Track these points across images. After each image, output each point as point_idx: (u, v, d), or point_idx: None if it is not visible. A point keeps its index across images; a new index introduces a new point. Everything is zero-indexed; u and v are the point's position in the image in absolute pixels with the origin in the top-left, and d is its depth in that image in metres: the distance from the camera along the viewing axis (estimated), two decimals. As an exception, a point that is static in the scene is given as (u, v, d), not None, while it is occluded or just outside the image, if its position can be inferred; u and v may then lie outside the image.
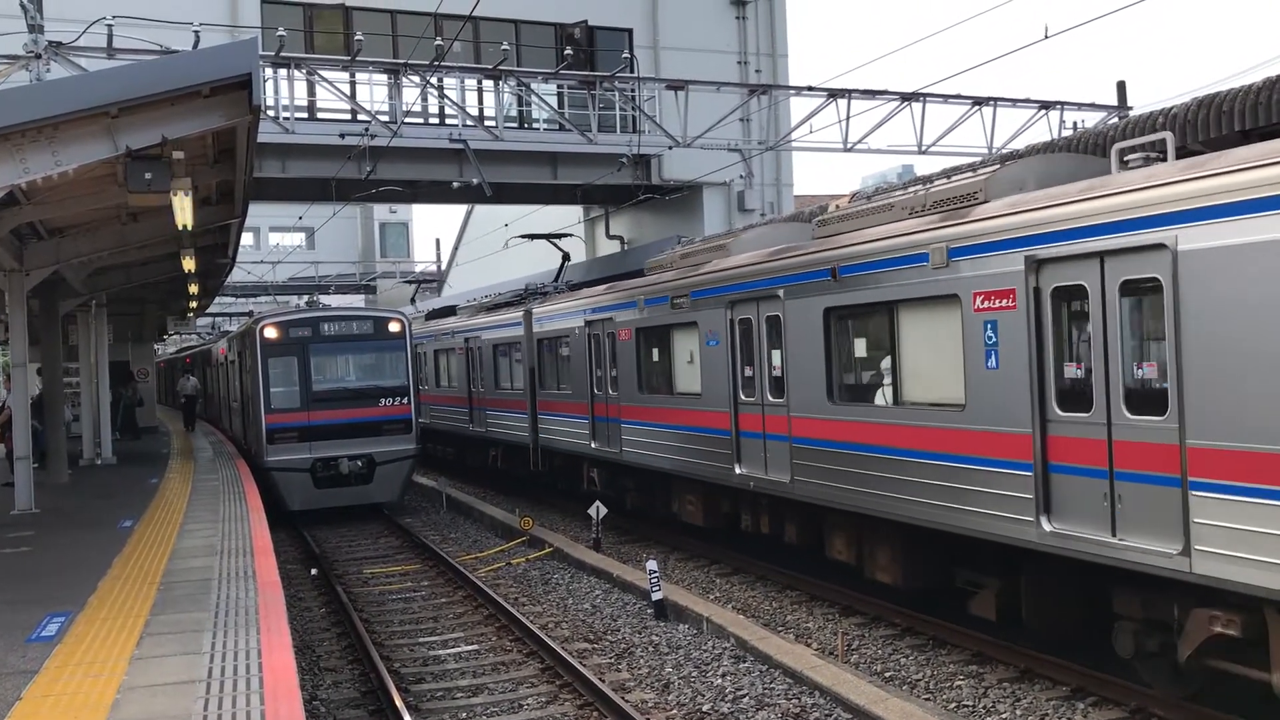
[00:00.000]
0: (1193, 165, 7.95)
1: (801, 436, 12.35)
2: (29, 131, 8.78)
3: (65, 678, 6.70)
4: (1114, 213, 8.27)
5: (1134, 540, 8.14)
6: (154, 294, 27.53)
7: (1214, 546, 7.53)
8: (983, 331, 9.60)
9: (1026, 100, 27.46)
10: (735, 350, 13.77)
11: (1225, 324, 7.45)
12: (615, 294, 17.52)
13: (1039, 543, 9.03)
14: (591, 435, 18.36)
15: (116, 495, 16.07)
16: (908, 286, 10.51)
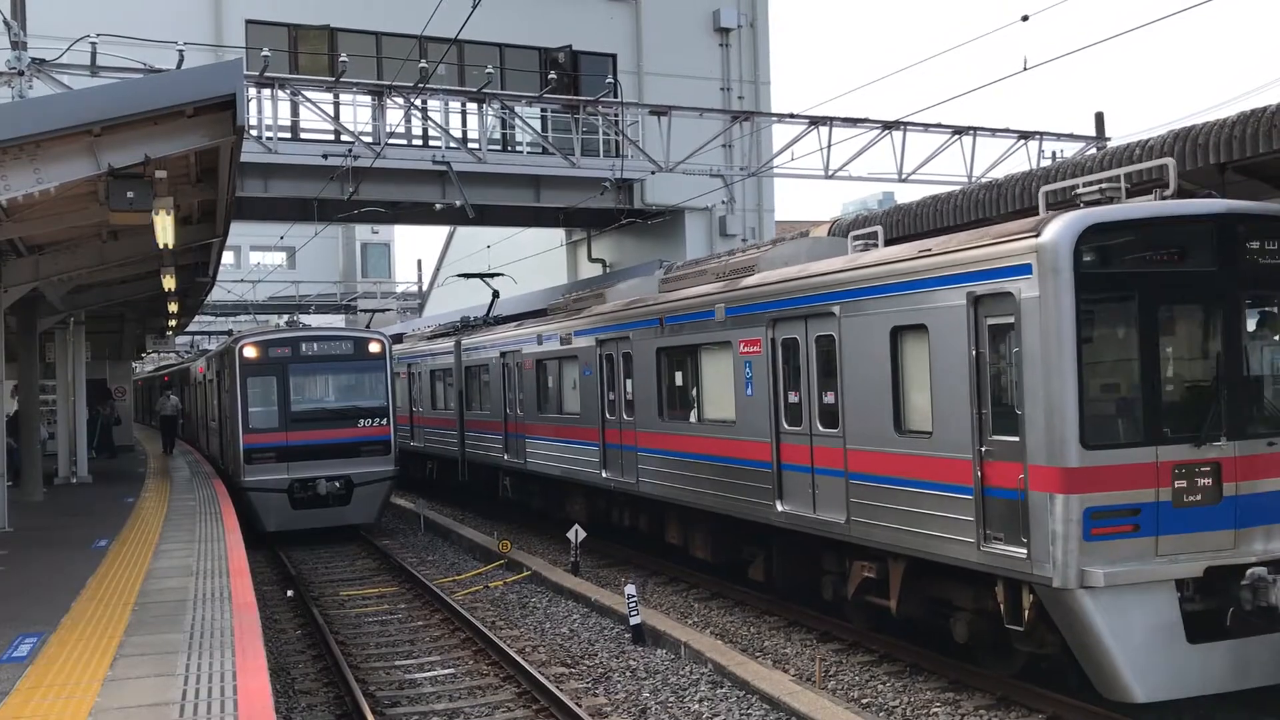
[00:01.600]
0: (854, 259, 11.45)
1: (644, 446, 15.62)
2: (10, 149, 8.76)
3: (37, 699, 6.64)
4: (810, 289, 11.76)
5: (825, 515, 11.54)
6: (133, 312, 27.40)
7: (860, 517, 10.94)
8: (745, 369, 13.04)
9: (1006, 130, 27.73)
10: (603, 378, 16.95)
11: (858, 367, 10.96)
12: (522, 330, 20.86)
13: (777, 520, 12.44)
14: (504, 449, 21.47)
15: (92, 514, 15.96)
16: (703, 334, 14.01)
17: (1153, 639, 8.61)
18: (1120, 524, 8.69)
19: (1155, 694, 8.56)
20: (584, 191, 27.23)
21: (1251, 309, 9.44)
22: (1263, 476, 9.01)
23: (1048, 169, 13.48)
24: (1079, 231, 8.73)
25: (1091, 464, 8.62)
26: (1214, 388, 9.15)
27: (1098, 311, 8.96)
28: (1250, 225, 9.31)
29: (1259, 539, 8.93)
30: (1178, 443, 8.86)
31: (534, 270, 36.96)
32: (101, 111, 8.90)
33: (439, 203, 26.98)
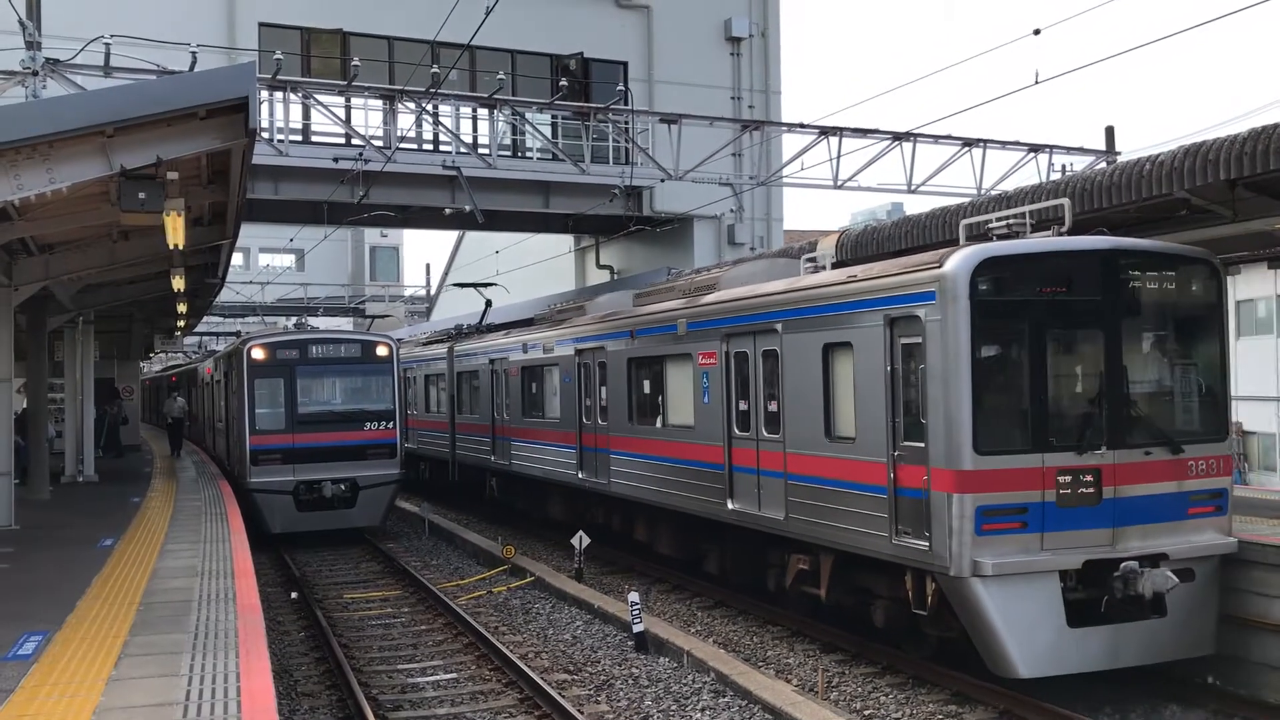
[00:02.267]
0: (794, 282, 12.75)
1: (616, 449, 16.77)
2: (24, 149, 8.81)
3: (41, 698, 6.66)
4: (758, 308, 13.02)
5: (768, 512, 12.73)
6: (142, 312, 27.49)
7: (797, 514, 12.14)
8: (703, 379, 14.25)
9: (1016, 143, 27.71)
10: (580, 386, 18.04)
11: (797, 379, 12.18)
12: (510, 339, 21.85)
13: (728, 518, 13.63)
14: (492, 451, 22.55)
15: (98, 513, 15.98)
16: (668, 347, 15.22)
17: (1036, 623, 9.75)
18: (1009, 521, 9.87)
19: (1036, 671, 9.73)
20: (593, 198, 27.26)
21: (1131, 334, 10.70)
22: (1138, 482, 10.24)
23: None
24: (975, 264, 9.95)
25: (983, 468, 9.81)
26: (1096, 403, 10.39)
27: (991, 334, 10.14)
28: (1131, 260, 10.61)
29: (1135, 537, 10.14)
30: (1062, 450, 10.06)
31: (542, 276, 36.99)
32: (114, 112, 8.94)
33: (448, 207, 27.02)
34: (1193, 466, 10.51)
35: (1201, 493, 10.53)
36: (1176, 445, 10.48)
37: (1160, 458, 10.40)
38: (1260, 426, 32.61)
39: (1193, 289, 10.89)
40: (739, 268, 15.54)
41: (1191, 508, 10.48)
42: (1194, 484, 10.50)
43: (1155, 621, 10.03)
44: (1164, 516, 10.34)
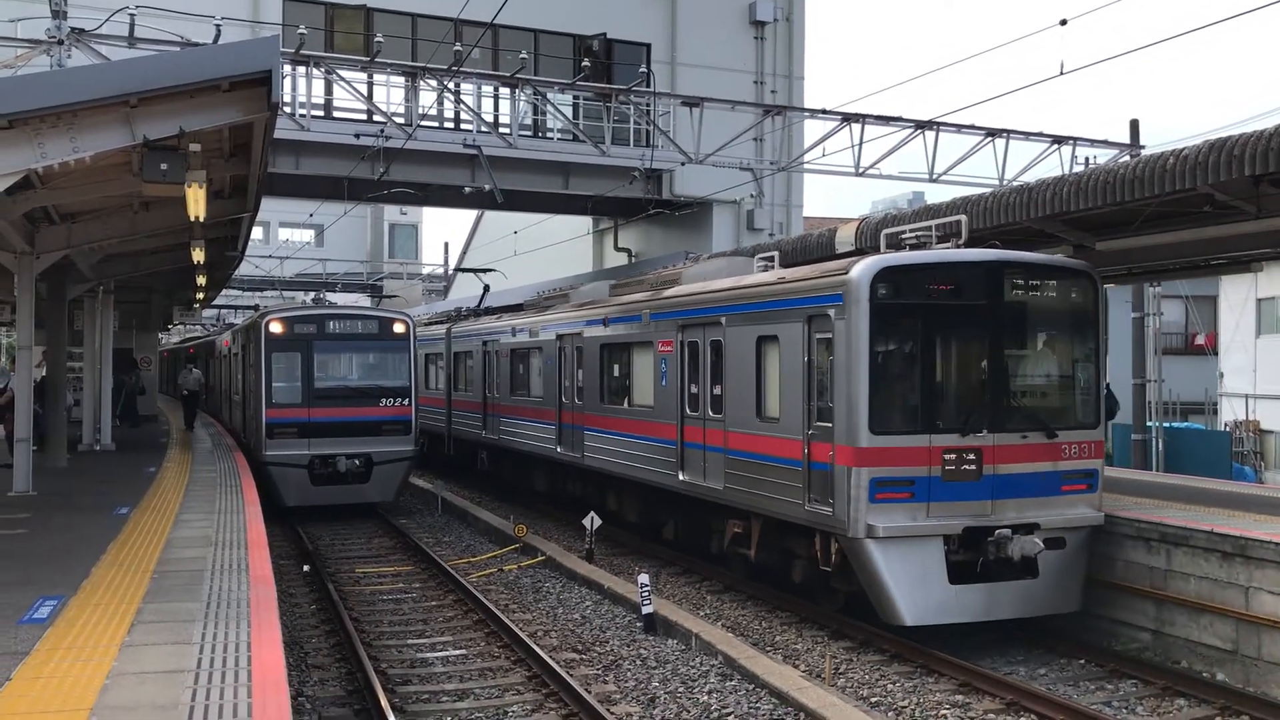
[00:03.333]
0: (737, 280, 14.46)
1: (589, 426, 18.21)
2: (48, 117, 8.85)
3: (55, 661, 6.73)
4: (707, 303, 14.59)
5: (711, 483, 14.22)
6: (161, 283, 27.61)
7: (733, 485, 13.67)
8: (661, 364, 15.68)
9: (1040, 134, 27.53)
10: (561, 368, 19.59)
11: (736, 366, 13.68)
12: (500, 322, 23.46)
13: (679, 488, 15.10)
14: (483, 427, 24.19)
15: (114, 482, 16.10)
16: (633, 334, 16.74)
17: (921, 579, 11.28)
18: (899, 491, 11.36)
19: (920, 620, 11.26)
20: (613, 180, 27.23)
21: (1012, 334, 12.23)
22: (1015, 462, 11.73)
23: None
24: (875, 271, 11.47)
25: (877, 445, 11.31)
26: (979, 392, 11.96)
27: (887, 332, 11.61)
28: (1013, 270, 12.11)
29: (1011, 509, 11.63)
30: (948, 433, 11.55)
31: (560, 258, 36.99)
32: (139, 83, 8.96)
33: (468, 186, 27.03)
34: (1066, 450, 11.98)
35: (1074, 472, 12.01)
36: (1051, 430, 11.93)
37: (1036, 441, 11.86)
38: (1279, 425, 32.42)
39: (1072, 296, 12.33)
40: (700, 265, 17.60)
41: (1065, 485, 11.95)
42: (1067, 465, 11.97)
43: (1028, 581, 11.56)
44: (1038, 492, 11.80)
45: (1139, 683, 10.73)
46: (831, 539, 11.88)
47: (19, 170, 9.14)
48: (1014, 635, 12.14)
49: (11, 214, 12.61)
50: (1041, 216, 13.66)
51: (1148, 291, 26.67)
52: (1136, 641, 11.86)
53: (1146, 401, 26.79)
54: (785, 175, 29.89)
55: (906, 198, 44.71)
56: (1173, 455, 26.33)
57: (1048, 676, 11.07)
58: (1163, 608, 11.60)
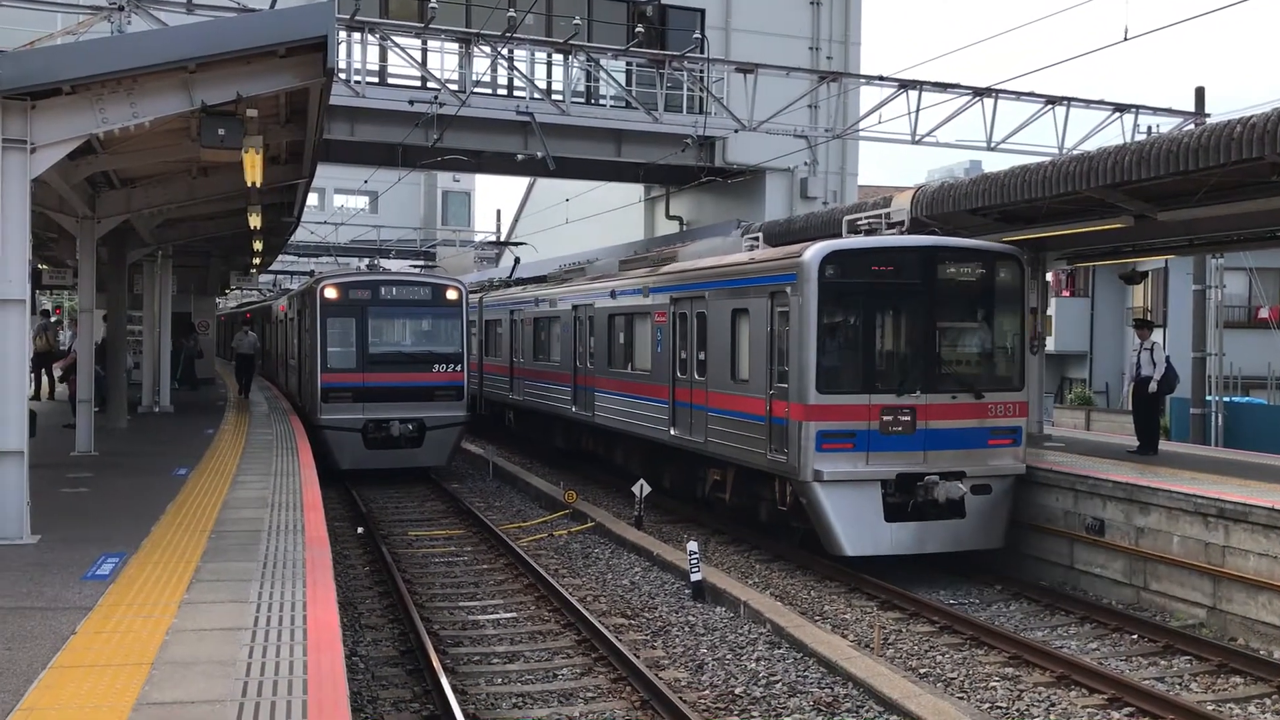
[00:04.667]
0: (719, 259, 16.39)
1: (599, 388, 20.08)
2: (109, 82, 8.97)
3: (118, 616, 6.89)
4: (694, 279, 16.53)
5: (695, 437, 16.07)
6: (219, 248, 27.95)
7: (713, 438, 15.52)
8: (657, 333, 17.53)
9: (1101, 102, 26.93)
10: (575, 336, 21.45)
11: (716, 335, 15.50)
12: (525, 293, 25.66)
13: (670, 442, 16.96)
14: (510, 389, 26.43)
15: (173, 443, 16.39)
16: (635, 306, 18.59)
17: (860, 517, 13.08)
18: (842, 442, 13.16)
19: (858, 551, 13.13)
20: (665, 147, 27.10)
21: (945, 308, 13.91)
22: (946, 419, 13.50)
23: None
24: (823, 255, 13.31)
25: (823, 403, 13.18)
26: (914, 359, 13.70)
27: (833, 306, 13.41)
28: (946, 253, 13.83)
29: (942, 459, 13.37)
30: (886, 393, 13.34)
31: (611, 226, 36.94)
32: (197, 48, 9.05)
33: (520, 153, 27.02)
34: (993, 409, 13.71)
35: (1000, 429, 13.74)
36: (978, 392, 13.69)
37: (965, 401, 13.60)
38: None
39: (1000, 276, 13.98)
40: (695, 244, 19.55)
41: (991, 439, 13.68)
42: (993, 422, 13.70)
43: (955, 521, 13.35)
44: (966, 445, 13.54)
45: (1193, 659, 10.61)
46: (787, 483, 13.77)
47: (81, 135, 9.29)
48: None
49: (74, 179, 12.82)
50: (1102, 186, 13.42)
51: (1210, 264, 26.11)
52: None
53: (1207, 375, 26.30)
54: (840, 143, 29.56)
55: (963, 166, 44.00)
56: (1233, 431, 25.84)
57: (1099, 651, 10.99)
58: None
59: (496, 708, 9.19)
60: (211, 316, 35.94)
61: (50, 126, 8.93)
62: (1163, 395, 16.71)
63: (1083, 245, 17.27)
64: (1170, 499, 12.07)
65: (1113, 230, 15.17)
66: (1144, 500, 12.42)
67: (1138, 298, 35.81)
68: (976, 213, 15.96)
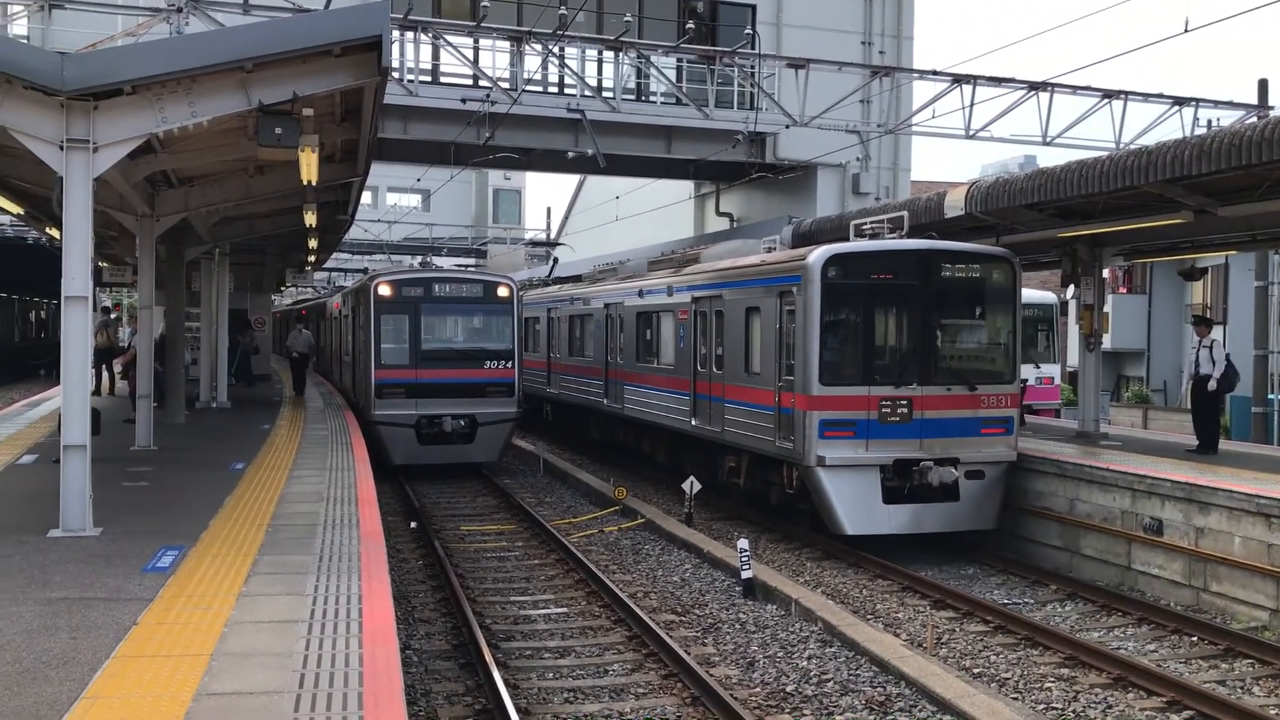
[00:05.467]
0: (734, 262, 17.45)
1: (628, 382, 21.29)
2: (168, 83, 9.11)
3: (178, 608, 7.01)
4: (712, 279, 17.62)
5: (714, 427, 17.13)
6: (274, 246, 28.32)
7: (729, 428, 16.57)
8: (680, 330, 18.62)
9: (1160, 95, 26.49)
10: (606, 333, 22.66)
11: (732, 331, 16.64)
12: (561, 291, 27.14)
13: (692, 431, 18.09)
14: (546, 383, 27.45)
15: (230, 438, 16.62)
16: (660, 305, 19.72)
17: (860, 499, 14.11)
18: (843, 430, 14.18)
19: (857, 530, 14.13)
20: (715, 144, 27.02)
21: (940, 307, 14.90)
22: (941, 409, 14.49)
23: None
24: (825, 258, 14.37)
25: (826, 394, 14.22)
26: (912, 354, 14.70)
27: (835, 305, 14.45)
28: (941, 256, 14.87)
29: (937, 446, 14.40)
30: (884, 385, 14.38)
31: (661, 223, 36.92)
32: (253, 48, 9.17)
33: (571, 151, 27.07)
34: (985, 400, 14.67)
35: (992, 419, 14.69)
36: (972, 384, 14.68)
37: (959, 393, 14.59)
38: None
39: (993, 277, 15.02)
40: (717, 246, 20.73)
41: (984, 428, 14.63)
42: (986, 413, 14.66)
43: (950, 504, 14.32)
44: (960, 433, 14.51)
45: (1255, 662, 10.41)
46: (794, 468, 14.81)
47: (141, 135, 9.45)
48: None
49: (133, 177, 13.03)
50: (1161, 180, 13.20)
51: (1272, 259, 25.60)
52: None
53: (1269, 373, 25.78)
54: (893, 138, 29.31)
55: (1018, 161, 43.45)
56: (1295, 429, 25.34)
57: (1157, 652, 10.82)
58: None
59: (548, 702, 9.23)
60: (268, 313, 36.39)
61: (112, 126, 9.09)
62: (1222, 394, 16.44)
63: (1140, 241, 17.02)
64: (1231, 499, 11.86)
65: (1172, 226, 14.92)
66: (1204, 500, 12.20)
67: (1197, 294, 35.19)
68: (1032, 208, 15.77)
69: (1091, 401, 17.95)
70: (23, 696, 5.41)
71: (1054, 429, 19.36)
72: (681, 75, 27.12)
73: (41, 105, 8.85)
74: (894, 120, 27.13)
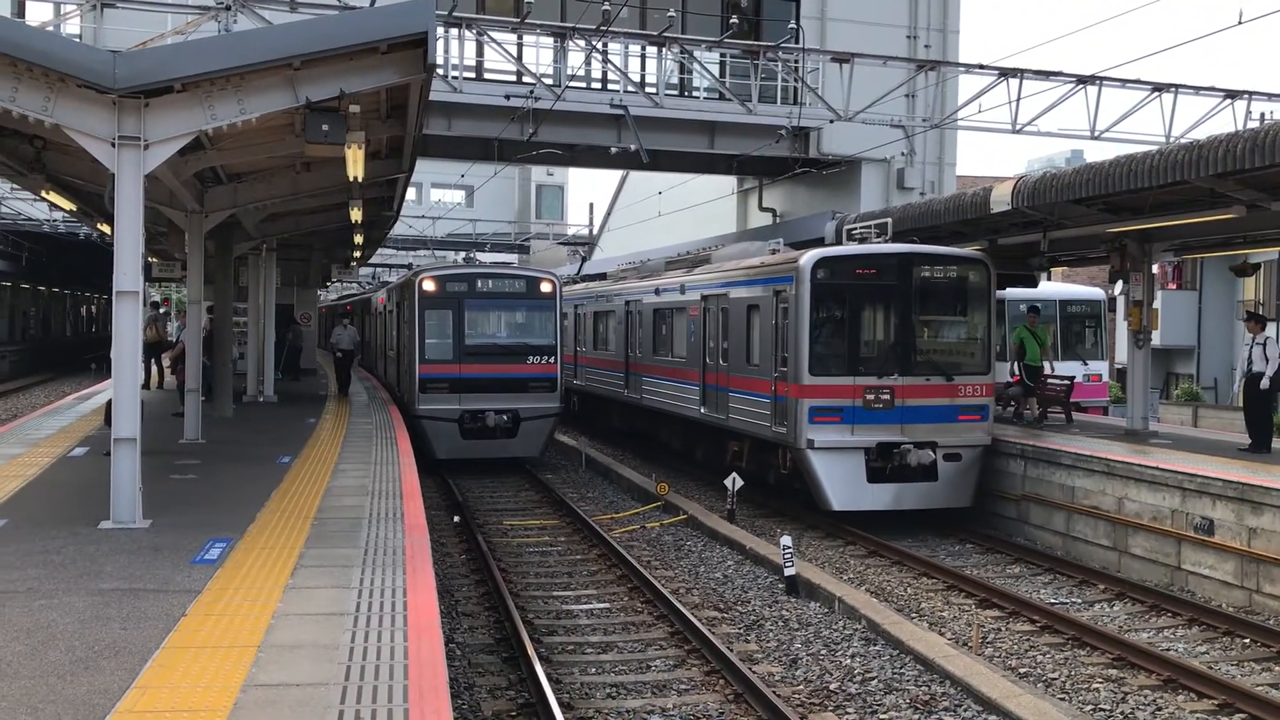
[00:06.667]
0: (738, 262, 19.03)
1: (645, 374, 22.93)
2: (218, 80, 9.21)
3: (225, 599, 7.09)
4: (719, 279, 19.09)
5: (719, 415, 18.66)
6: (320, 242, 28.54)
7: (733, 415, 18.03)
8: (691, 325, 20.15)
9: (1211, 88, 26.05)
10: (625, 328, 24.40)
11: (735, 326, 18.07)
12: (589, 288, 28.82)
13: (701, 419, 19.62)
14: (574, 375, 28.65)
15: (276, 432, 16.78)
16: (674, 302, 21.26)
17: (845, 478, 15.49)
18: (831, 416, 15.57)
19: (844, 506, 15.51)
20: (759, 139, 26.92)
21: (919, 305, 16.27)
22: (920, 397, 15.84)
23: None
24: (815, 260, 15.88)
25: (815, 384, 15.61)
26: (894, 347, 16.06)
27: (823, 303, 15.89)
28: (920, 259, 16.32)
29: (916, 431, 15.73)
30: (868, 375, 15.76)
31: (704, 219, 36.84)
32: (301, 46, 9.24)
33: (614, 146, 27.07)
34: (962, 390, 16.06)
35: (968, 406, 16.03)
36: (949, 375, 16.05)
37: (937, 383, 15.94)
38: None
39: (969, 277, 16.48)
40: (727, 248, 22.19)
41: (961, 415, 15.96)
42: (963, 401, 16.02)
43: (928, 483, 15.72)
44: (938, 419, 15.82)
45: (1309, 665, 10.24)
46: (787, 451, 16.13)
47: (191, 131, 9.55)
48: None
49: (183, 174, 13.20)
50: (1212, 175, 13.00)
51: (1328, 255, 25.10)
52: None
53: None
54: (938, 132, 29.02)
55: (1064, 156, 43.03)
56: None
57: (1208, 654, 10.66)
58: None
59: (590, 697, 9.25)
60: (313, 309, 36.71)
61: (162, 123, 9.21)
62: (1275, 391, 16.14)
63: (1191, 236, 16.75)
64: (1285, 499, 11.65)
65: (1223, 221, 14.68)
66: (1257, 500, 12.00)
67: (1249, 290, 34.62)
68: (1080, 203, 15.58)
69: (1140, 399, 17.71)
70: (77, 685, 5.50)
71: (1102, 427, 19.12)
72: (725, 70, 27.01)
73: (94, 103, 8.98)
74: (939, 115, 26.87)
